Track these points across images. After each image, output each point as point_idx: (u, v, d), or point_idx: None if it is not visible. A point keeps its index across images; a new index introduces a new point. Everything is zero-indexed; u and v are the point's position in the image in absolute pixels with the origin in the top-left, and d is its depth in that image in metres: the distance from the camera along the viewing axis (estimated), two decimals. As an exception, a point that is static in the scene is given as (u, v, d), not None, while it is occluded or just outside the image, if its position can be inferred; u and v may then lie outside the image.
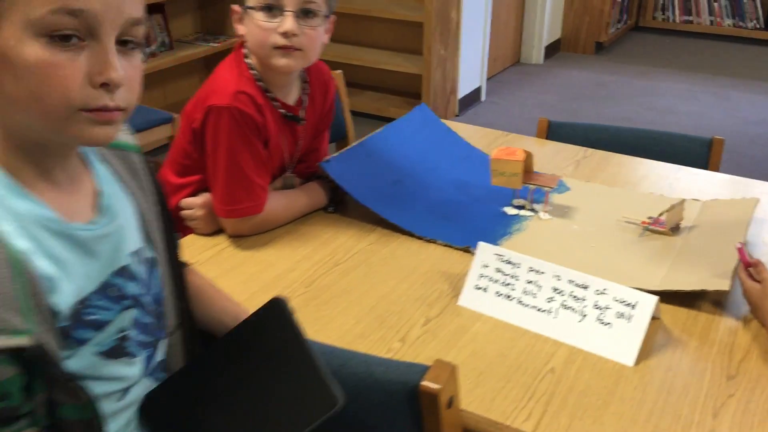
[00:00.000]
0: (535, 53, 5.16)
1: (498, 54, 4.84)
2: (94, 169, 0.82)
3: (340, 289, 1.19)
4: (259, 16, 1.24)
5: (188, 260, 1.24)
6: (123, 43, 0.72)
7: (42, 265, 0.71)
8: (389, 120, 3.90)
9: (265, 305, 0.83)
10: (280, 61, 1.25)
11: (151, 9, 3.58)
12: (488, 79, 4.58)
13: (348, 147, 1.53)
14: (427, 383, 0.84)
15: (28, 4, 0.66)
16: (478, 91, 4.38)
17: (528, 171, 1.43)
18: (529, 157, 1.42)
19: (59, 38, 0.67)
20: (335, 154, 1.47)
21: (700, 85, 4.77)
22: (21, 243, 0.70)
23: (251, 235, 1.33)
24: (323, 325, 1.10)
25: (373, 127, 1.87)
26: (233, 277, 1.22)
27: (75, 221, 0.76)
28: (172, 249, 0.90)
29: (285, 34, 1.23)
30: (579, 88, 4.69)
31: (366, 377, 0.86)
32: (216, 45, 3.86)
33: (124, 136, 0.88)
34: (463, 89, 4.19)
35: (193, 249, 1.29)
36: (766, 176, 3.61)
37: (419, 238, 1.35)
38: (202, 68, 4.14)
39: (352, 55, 4.08)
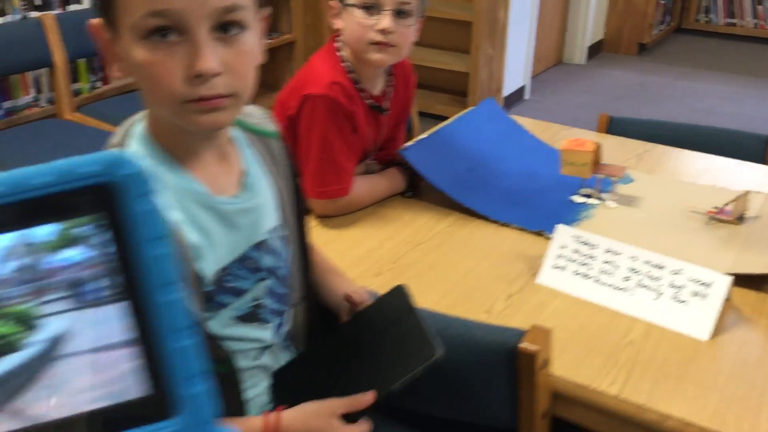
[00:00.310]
0: (578, 53, 5.20)
1: (541, 54, 4.89)
2: (241, 151, 0.90)
3: (424, 266, 1.28)
4: (359, 14, 1.33)
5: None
6: (224, 30, 0.75)
7: (191, 234, 0.81)
8: (436, 117, 4.00)
9: (389, 291, 0.93)
10: (375, 56, 1.35)
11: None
12: (531, 78, 4.63)
13: (423, 136, 1.61)
14: (525, 345, 0.92)
15: (127, 11, 0.73)
16: (522, 90, 4.44)
17: (596, 161, 1.50)
18: (598, 148, 1.49)
19: (158, 38, 0.73)
20: (412, 142, 1.56)
21: (743, 87, 4.78)
22: (174, 214, 0.79)
23: (337, 215, 1.42)
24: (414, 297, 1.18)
25: (422, 124, 1.96)
26: (326, 252, 1.30)
27: (221, 195, 0.85)
28: (302, 229, 0.99)
29: (382, 31, 1.32)
30: (621, 89, 4.72)
31: (467, 339, 0.95)
32: (269, 41, 3.97)
33: (266, 123, 0.95)
34: (508, 88, 4.26)
35: (283, 227, 1.38)
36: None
37: (494, 222, 1.42)
38: (254, 64, 4.26)
39: (400, 53, 4.16)
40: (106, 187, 0.36)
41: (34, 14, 2.81)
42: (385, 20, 1.32)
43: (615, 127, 1.93)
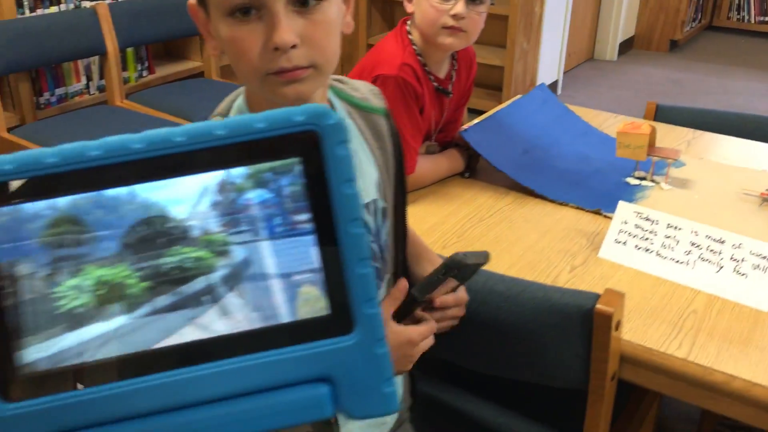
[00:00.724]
0: (609, 50, 5.22)
1: (573, 49, 4.92)
2: None
3: (489, 240, 1.33)
4: None
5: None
6: (303, 3, 0.77)
7: None
8: (471, 111, 4.04)
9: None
10: (447, 40, 1.40)
11: None
12: (564, 73, 4.67)
13: (481, 118, 1.67)
14: (601, 306, 0.97)
15: None
16: (554, 84, 4.47)
17: (651, 144, 1.55)
18: (653, 131, 1.53)
19: (239, 16, 0.76)
20: (472, 124, 1.61)
21: (777, 84, 4.78)
22: None
23: (400, 193, 1.48)
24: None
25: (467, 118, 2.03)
26: (392, 226, 1.37)
27: None
28: (400, 207, 1.01)
29: (455, 16, 1.38)
30: (653, 85, 4.74)
31: (544, 301, 1.00)
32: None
33: (373, 99, 0.98)
34: (541, 82, 4.29)
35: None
36: None
37: (552, 201, 1.48)
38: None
39: (435, 47, 4.22)
40: (311, 134, 0.42)
41: (87, 3, 2.89)
42: (459, 5, 1.37)
43: (662, 115, 1.97)
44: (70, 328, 0.42)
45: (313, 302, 0.43)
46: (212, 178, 0.42)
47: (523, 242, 1.33)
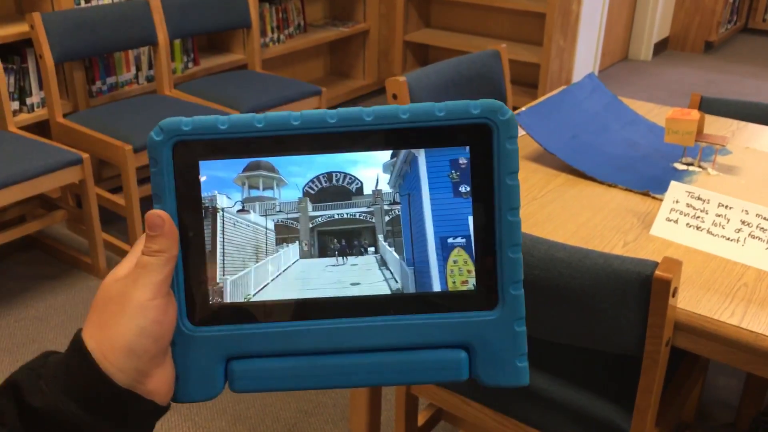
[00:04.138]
0: (644, 50, 5.23)
1: (607, 49, 4.94)
2: None
3: (543, 217, 1.38)
4: None
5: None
6: None
7: None
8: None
9: None
10: None
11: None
12: (599, 72, 4.69)
13: (534, 103, 1.72)
14: (660, 273, 1.02)
15: None
16: (589, 83, 4.50)
17: (699, 131, 1.59)
18: (702, 117, 1.57)
19: None
20: (526, 108, 1.67)
21: (814, 86, 4.76)
22: None
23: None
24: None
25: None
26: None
27: None
28: None
29: None
30: (688, 86, 4.75)
31: (605, 267, 1.05)
32: (345, 30, 4.11)
33: None
34: (576, 80, 4.32)
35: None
36: None
37: (601, 182, 1.53)
38: (328, 51, 4.41)
39: (470, 43, 4.27)
40: (485, 127, 0.48)
41: (139, -5, 2.98)
42: None
43: (706, 106, 2.01)
44: (254, 267, 0.48)
45: (461, 265, 0.48)
46: (389, 153, 0.48)
47: (576, 220, 1.38)
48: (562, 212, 1.41)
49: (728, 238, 1.26)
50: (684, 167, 1.60)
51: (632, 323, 1.07)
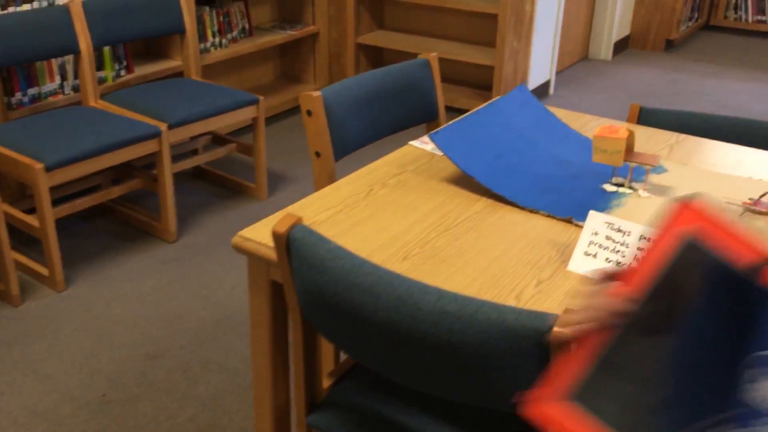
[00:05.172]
0: (604, 49, 5.14)
1: (566, 49, 4.84)
2: None
3: (453, 251, 1.25)
4: None
5: (306, 218, 1.32)
6: None
7: None
8: (459, 111, 3.97)
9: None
10: None
11: (235, -5, 3.71)
12: (556, 73, 4.59)
13: (453, 121, 1.59)
14: (558, 329, 0.89)
15: None
16: (547, 84, 4.40)
17: (629, 149, 1.47)
18: (631, 135, 1.46)
19: None
20: (444, 126, 1.53)
21: (774, 85, 4.70)
22: None
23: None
24: (441, 282, 1.16)
25: (446, 118, 1.95)
26: (351, 237, 1.29)
27: None
28: None
29: None
30: (648, 86, 4.66)
31: (499, 323, 0.92)
32: (293, 33, 3.96)
33: None
34: (533, 82, 4.22)
35: (309, 211, 1.37)
36: None
37: (522, 208, 1.40)
38: (277, 55, 4.25)
39: (424, 46, 4.14)
40: None
41: (60, 1, 2.81)
42: None
43: (645, 117, 1.90)
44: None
45: None
46: None
47: (489, 253, 1.25)
48: (476, 244, 1.28)
49: (650, 275, 1.14)
50: (614, 188, 1.48)
51: (531, 383, 0.95)
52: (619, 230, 1.19)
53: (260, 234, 1.27)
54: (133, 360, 2.13)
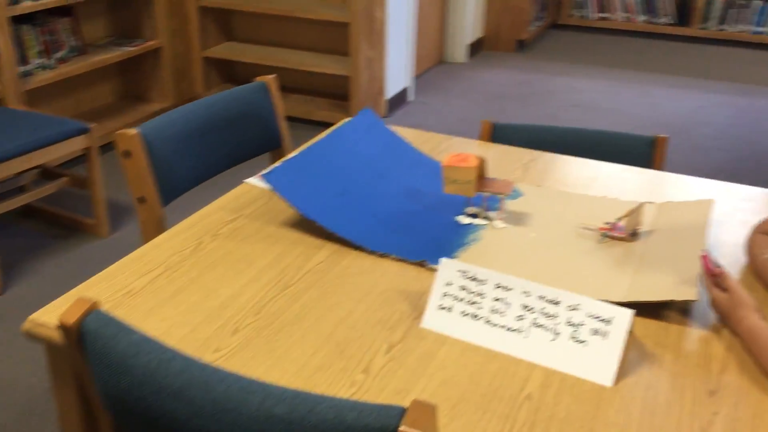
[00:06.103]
0: (459, 52, 5.15)
1: (422, 53, 4.80)
2: None
3: (292, 315, 1.09)
4: None
5: (116, 291, 1.11)
6: None
7: None
8: (317, 123, 3.82)
9: None
10: None
11: (59, 12, 3.36)
12: (414, 78, 4.53)
13: (288, 156, 1.42)
14: (405, 428, 0.75)
15: None
16: (405, 91, 4.33)
17: (481, 177, 1.37)
18: (482, 163, 1.35)
19: None
20: (276, 165, 1.37)
21: (619, 80, 4.87)
22: None
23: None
24: (278, 358, 1.00)
25: (302, 131, 1.77)
26: (172, 307, 1.10)
27: None
28: None
29: None
30: (503, 86, 4.71)
31: (337, 424, 0.77)
32: (132, 49, 3.65)
33: None
34: (391, 90, 4.13)
35: (123, 277, 1.16)
36: (693, 170, 3.70)
37: (371, 253, 1.26)
38: (117, 74, 3.92)
39: (277, 57, 3.95)
40: None
41: None
42: None
43: (499, 133, 1.82)
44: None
45: None
46: None
47: (332, 315, 1.10)
48: (318, 304, 1.12)
49: (509, 328, 1.03)
50: (469, 220, 1.37)
51: (385, 484, 0.80)
52: (474, 279, 1.07)
53: (56, 317, 1.05)
54: (-54, 447, 1.82)
